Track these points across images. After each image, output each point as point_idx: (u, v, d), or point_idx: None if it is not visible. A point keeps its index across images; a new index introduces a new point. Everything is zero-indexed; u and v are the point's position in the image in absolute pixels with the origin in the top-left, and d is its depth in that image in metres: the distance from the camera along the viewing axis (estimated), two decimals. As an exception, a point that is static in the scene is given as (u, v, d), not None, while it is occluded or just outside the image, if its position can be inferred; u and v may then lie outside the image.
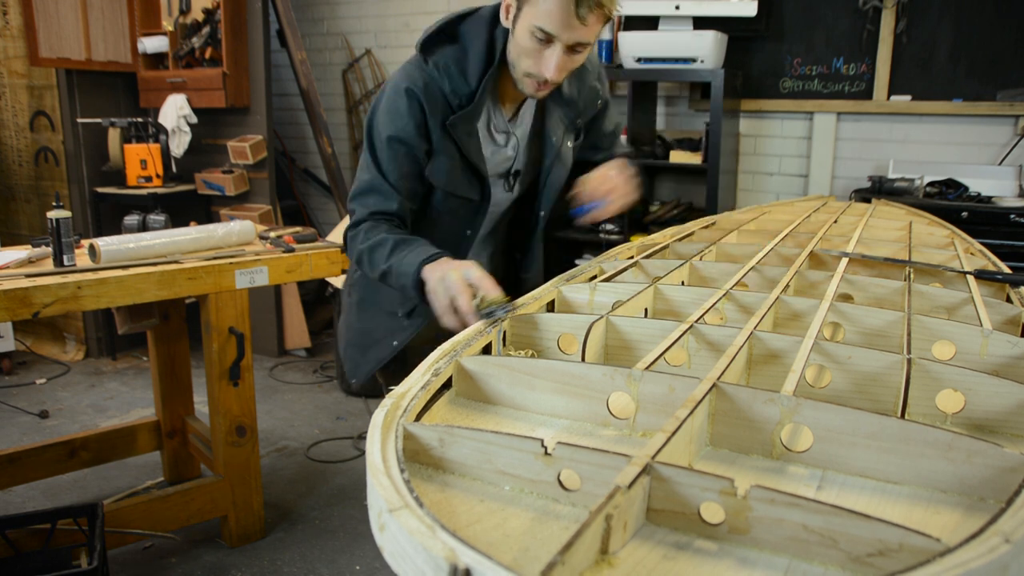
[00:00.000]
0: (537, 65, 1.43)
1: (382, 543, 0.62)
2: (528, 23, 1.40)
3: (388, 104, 1.51)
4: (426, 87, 1.49)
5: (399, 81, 1.51)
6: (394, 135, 1.49)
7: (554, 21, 1.37)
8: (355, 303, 1.72)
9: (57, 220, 2.11)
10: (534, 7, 1.38)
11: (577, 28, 1.39)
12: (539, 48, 1.41)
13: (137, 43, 4.25)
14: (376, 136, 1.52)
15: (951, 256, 1.62)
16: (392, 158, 1.50)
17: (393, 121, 1.49)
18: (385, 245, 1.44)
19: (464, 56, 1.51)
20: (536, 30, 1.39)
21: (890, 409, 0.91)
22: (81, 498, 2.84)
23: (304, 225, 4.26)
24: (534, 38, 1.40)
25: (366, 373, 1.71)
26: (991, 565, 0.53)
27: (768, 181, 3.94)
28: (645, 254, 1.60)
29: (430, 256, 1.36)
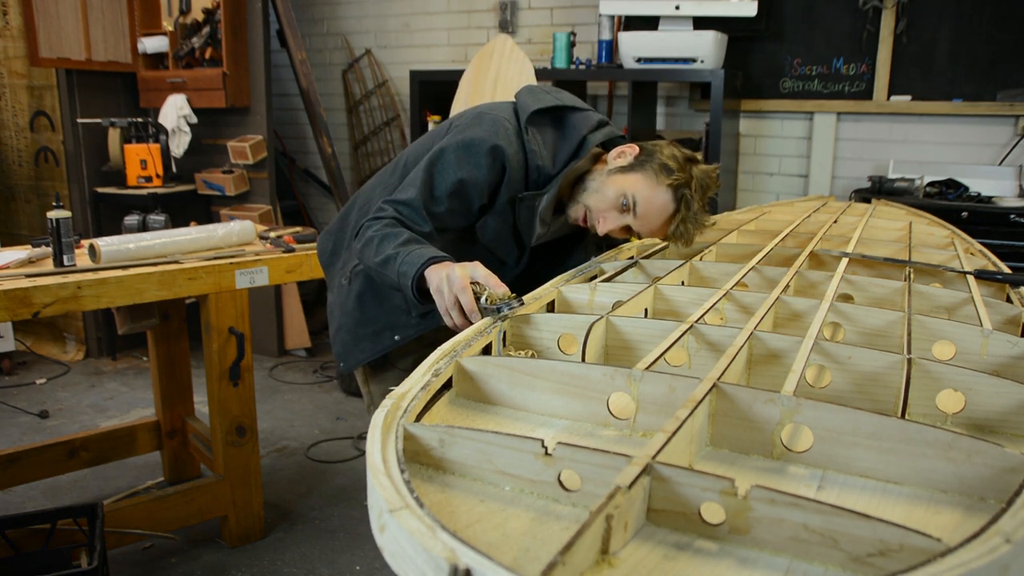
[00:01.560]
0: (597, 212, 1.51)
1: (382, 543, 0.62)
2: (629, 187, 1.48)
3: (471, 147, 1.49)
4: (516, 155, 1.50)
5: (492, 132, 1.50)
6: (464, 179, 1.48)
7: (647, 208, 1.47)
8: (356, 292, 1.69)
9: (57, 220, 2.11)
10: (644, 181, 1.47)
11: (652, 228, 1.50)
12: (615, 206, 1.49)
13: (137, 43, 4.25)
14: (443, 166, 1.49)
15: (951, 256, 1.62)
16: (447, 195, 1.49)
17: (468, 168, 1.48)
18: (399, 237, 1.43)
19: (559, 142, 1.55)
20: (627, 196, 1.47)
21: (890, 409, 0.91)
22: (81, 498, 2.84)
23: (304, 225, 4.26)
24: (620, 199, 1.48)
25: (356, 361, 1.70)
26: (991, 565, 0.53)
27: (768, 181, 3.94)
28: (645, 254, 1.60)
29: (437, 257, 1.36)
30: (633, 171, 1.49)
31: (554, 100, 1.57)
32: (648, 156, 1.50)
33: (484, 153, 1.47)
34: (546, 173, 1.53)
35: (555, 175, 1.53)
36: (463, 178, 1.48)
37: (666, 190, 1.46)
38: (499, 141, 1.48)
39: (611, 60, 3.89)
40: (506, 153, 1.48)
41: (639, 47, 3.59)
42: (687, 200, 1.47)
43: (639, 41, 3.58)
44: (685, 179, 1.47)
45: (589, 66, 3.88)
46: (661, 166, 1.48)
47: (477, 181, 1.48)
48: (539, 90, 1.61)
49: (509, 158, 1.49)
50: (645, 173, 1.48)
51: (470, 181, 1.48)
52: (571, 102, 1.61)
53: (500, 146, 1.48)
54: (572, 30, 4.09)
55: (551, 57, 3.93)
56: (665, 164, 1.48)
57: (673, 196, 1.47)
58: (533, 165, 1.51)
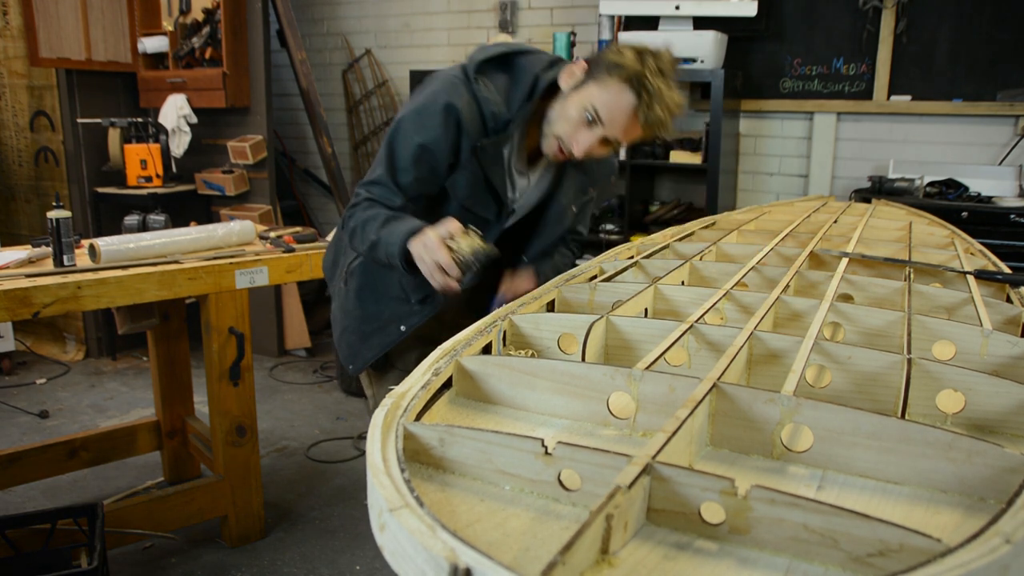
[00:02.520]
0: (570, 136, 1.49)
1: (382, 543, 0.62)
2: (585, 99, 1.45)
3: (423, 111, 1.52)
4: (468, 106, 1.51)
5: (440, 92, 1.52)
6: (422, 143, 1.50)
7: (608, 113, 1.44)
8: (354, 290, 1.71)
9: (57, 220, 2.11)
10: (599, 89, 1.44)
11: (624, 129, 1.46)
12: (582, 124, 1.47)
13: (137, 43, 4.25)
14: (402, 137, 1.53)
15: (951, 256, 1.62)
16: (412, 162, 1.52)
17: (425, 130, 1.51)
18: (377, 219, 1.48)
19: (511, 86, 1.55)
20: (589, 109, 1.44)
21: (890, 409, 0.91)
22: (81, 498, 2.84)
23: (304, 225, 4.26)
24: (583, 114, 1.45)
25: (366, 360, 1.71)
26: (991, 565, 0.53)
27: (768, 181, 3.94)
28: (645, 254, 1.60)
29: (413, 229, 1.40)
30: (586, 83, 1.47)
31: (502, 48, 1.59)
32: (596, 64, 1.48)
33: (436, 113, 1.50)
34: (503, 119, 1.53)
35: (511, 118, 1.53)
36: (421, 142, 1.50)
37: (620, 86, 1.43)
38: (448, 98, 1.50)
39: (611, 60, 3.88)
40: (457, 107, 1.49)
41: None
42: (646, 87, 1.43)
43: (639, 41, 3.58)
44: (637, 69, 1.43)
45: (589, 66, 3.87)
46: (609, 67, 1.45)
47: (437, 142, 1.50)
48: (490, 44, 1.62)
49: (461, 111, 1.50)
50: (597, 80, 1.46)
51: (430, 144, 1.50)
52: (520, 47, 1.60)
53: (450, 102, 1.49)
54: (572, 30, 4.09)
55: (551, 57, 3.92)
56: (613, 63, 1.45)
57: (631, 89, 1.43)
58: (488, 112, 1.52)
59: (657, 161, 3.84)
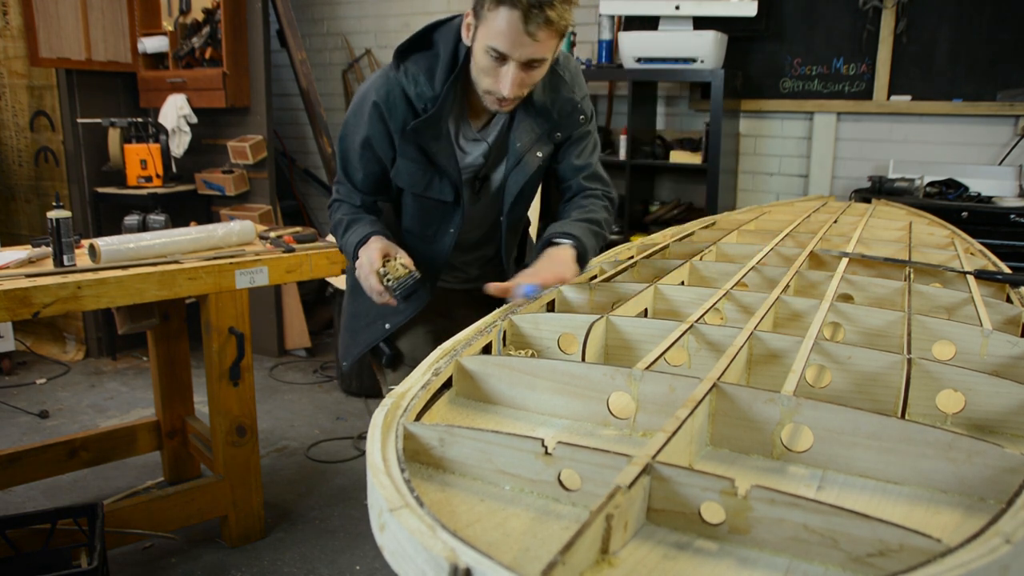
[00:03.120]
0: (495, 83, 1.47)
1: (382, 543, 0.62)
2: (482, 42, 1.44)
3: (354, 111, 1.61)
4: (388, 95, 1.55)
5: (366, 90, 1.60)
6: (360, 140, 1.60)
7: (505, 40, 1.40)
8: (349, 288, 1.80)
9: (57, 220, 2.11)
10: (487, 26, 1.42)
11: (528, 45, 1.41)
12: (494, 66, 1.45)
13: (137, 43, 4.25)
14: (345, 138, 1.63)
15: (951, 256, 1.62)
16: (358, 161, 1.62)
17: (358, 128, 1.60)
18: (341, 225, 1.61)
19: (435, 62, 1.55)
20: (490, 49, 1.43)
21: (890, 409, 0.91)
22: (81, 498, 2.84)
23: (304, 225, 4.26)
24: (489, 56, 1.44)
25: (355, 355, 1.77)
26: (991, 566, 0.53)
27: (768, 181, 3.94)
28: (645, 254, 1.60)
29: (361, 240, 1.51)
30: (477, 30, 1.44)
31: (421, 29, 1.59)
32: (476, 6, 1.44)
33: (364, 110, 1.58)
34: (428, 96, 1.54)
35: (439, 93, 1.54)
36: (361, 138, 1.59)
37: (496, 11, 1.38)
38: (371, 95, 1.57)
39: (611, 60, 3.89)
40: (377, 101, 1.55)
41: (639, 47, 3.59)
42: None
43: (639, 41, 3.59)
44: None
45: (589, 66, 3.88)
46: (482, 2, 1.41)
47: (372, 136, 1.58)
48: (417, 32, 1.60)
49: (381, 103, 1.55)
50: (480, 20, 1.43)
51: (369, 139, 1.59)
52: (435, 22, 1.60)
53: (373, 99, 1.56)
54: (572, 30, 4.09)
55: (551, 57, 3.92)
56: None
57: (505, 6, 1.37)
58: (412, 94, 1.54)
59: (657, 161, 3.85)
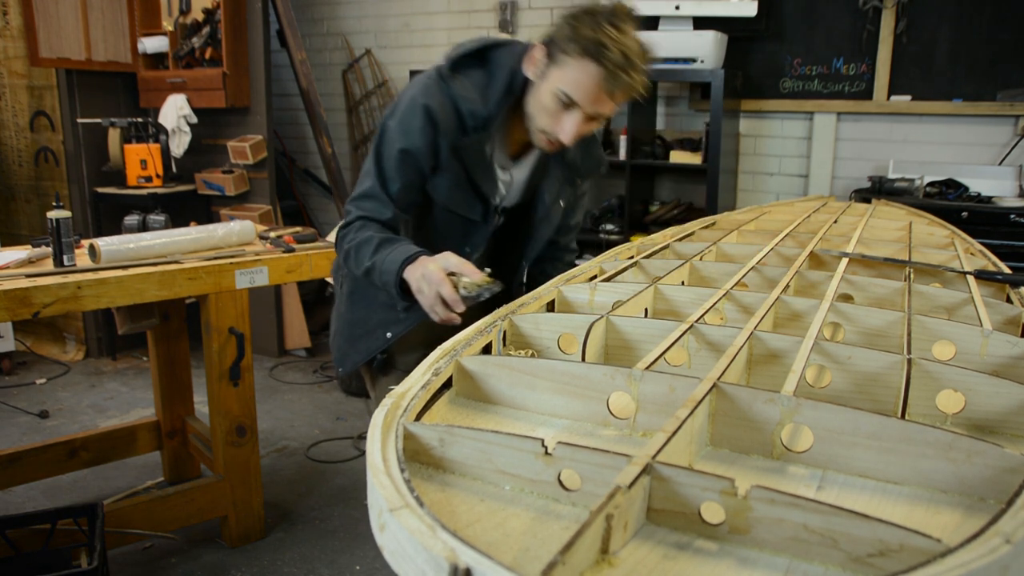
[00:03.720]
0: (553, 126, 1.45)
1: (382, 543, 0.62)
2: (555, 85, 1.41)
3: (403, 117, 1.50)
4: (442, 106, 1.49)
5: (417, 95, 1.50)
6: (405, 148, 1.49)
7: (581, 91, 1.39)
8: (346, 294, 1.72)
9: (57, 220, 2.11)
10: (564, 71, 1.39)
11: (603, 103, 1.41)
12: (559, 110, 1.43)
13: (137, 43, 4.25)
14: (386, 145, 1.51)
15: (951, 256, 1.62)
16: (398, 169, 1.50)
17: (406, 135, 1.49)
18: (371, 243, 1.45)
19: (488, 81, 1.52)
20: (561, 93, 1.41)
21: (890, 409, 0.90)
22: (81, 498, 2.84)
23: (304, 225, 4.26)
24: (557, 100, 1.42)
25: (354, 363, 1.72)
26: (992, 566, 0.53)
27: (768, 181, 3.94)
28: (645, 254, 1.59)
29: (410, 256, 1.37)
30: (549, 68, 1.43)
31: (476, 43, 1.55)
32: (552, 45, 1.43)
33: (413, 115, 1.48)
34: (481, 116, 1.50)
35: (490, 115, 1.51)
36: (404, 148, 1.49)
37: (581, 60, 1.37)
38: (422, 99, 1.48)
39: (611, 60, 3.88)
40: (430, 107, 1.47)
41: (639, 47, 3.58)
42: (606, 54, 1.36)
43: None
44: (590, 36, 1.36)
45: (589, 66, 3.87)
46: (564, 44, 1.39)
47: (417, 146, 1.49)
48: (467, 40, 1.58)
49: (435, 110, 1.47)
50: (557, 61, 1.41)
51: (412, 149, 1.49)
52: (493, 40, 1.57)
53: (425, 104, 1.47)
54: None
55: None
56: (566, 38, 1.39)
57: (591, 60, 1.37)
58: (465, 110, 1.49)
59: (657, 161, 3.84)
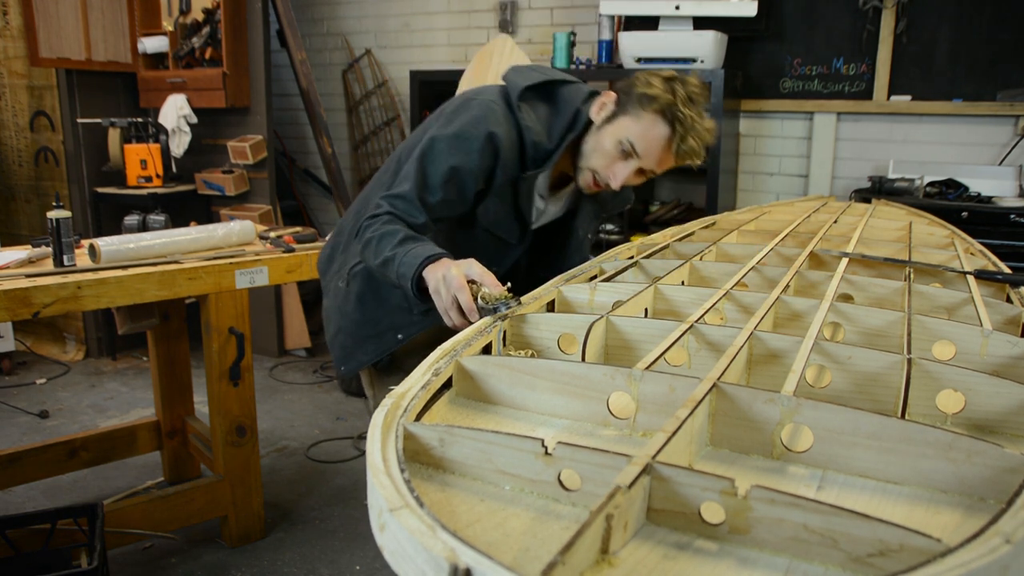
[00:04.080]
0: (606, 169, 1.50)
1: (382, 543, 0.62)
2: (622, 132, 1.47)
3: (461, 133, 1.48)
4: (508, 136, 1.50)
5: (482, 119, 1.49)
6: (456, 166, 1.48)
7: (645, 145, 1.46)
8: (355, 293, 1.68)
9: (57, 220, 2.11)
10: (633, 122, 1.46)
11: (662, 161, 1.49)
12: (617, 157, 1.49)
13: (137, 43, 4.25)
14: (435, 157, 1.49)
15: (951, 256, 1.62)
16: (442, 184, 1.48)
17: (460, 155, 1.48)
18: (395, 236, 1.43)
19: (554, 117, 1.55)
20: (626, 142, 1.46)
21: (890, 409, 0.90)
22: (81, 498, 2.84)
23: (304, 225, 4.26)
24: (619, 147, 1.47)
25: (360, 363, 1.69)
26: (992, 565, 0.53)
27: (768, 181, 3.94)
28: (645, 254, 1.59)
29: (433, 255, 1.35)
30: (618, 116, 1.49)
31: (542, 76, 1.58)
32: (627, 95, 1.49)
33: (477, 140, 1.47)
34: (543, 148, 1.53)
35: (553, 149, 1.53)
36: (455, 165, 1.47)
37: (655, 117, 1.46)
38: (490, 126, 1.48)
39: (611, 60, 3.89)
40: (497, 136, 1.48)
41: (639, 47, 3.59)
42: (679, 119, 1.45)
43: (639, 41, 3.58)
44: (669, 99, 1.45)
45: (589, 66, 3.88)
46: (640, 98, 1.47)
47: (470, 168, 1.48)
48: (526, 68, 1.61)
49: (501, 140, 1.48)
50: (629, 112, 1.47)
51: (463, 168, 1.48)
52: (560, 76, 1.61)
53: (493, 132, 1.48)
54: (572, 30, 4.09)
55: (551, 57, 3.93)
56: (645, 95, 1.46)
57: (664, 120, 1.46)
58: (529, 142, 1.51)
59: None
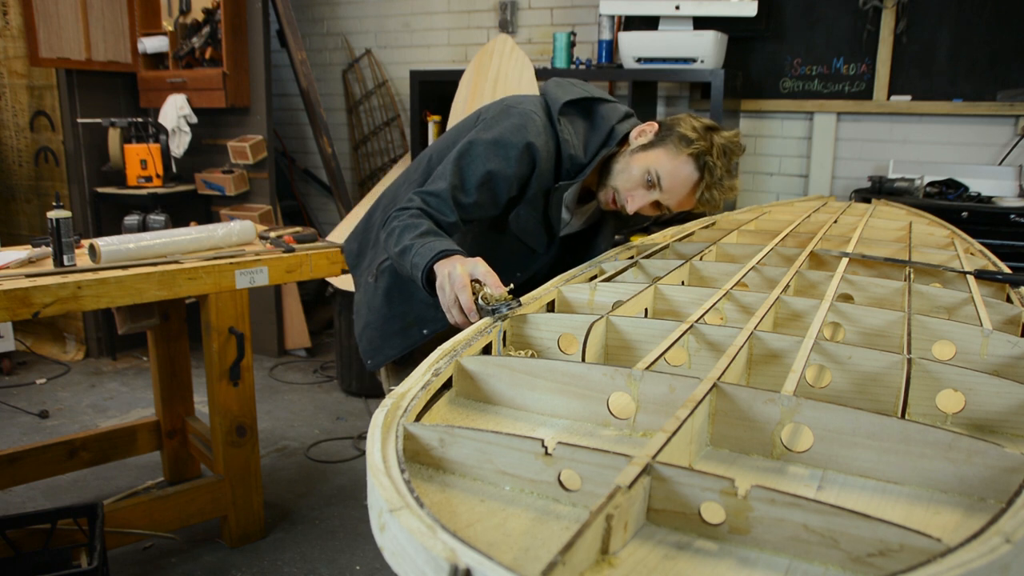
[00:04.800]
0: (627, 193, 1.55)
1: (382, 543, 0.62)
2: (652, 163, 1.51)
3: (502, 142, 1.51)
4: (547, 147, 1.53)
5: (523, 128, 1.52)
6: (493, 171, 1.50)
7: (672, 182, 1.51)
8: (383, 289, 1.70)
9: (57, 220, 2.11)
10: (666, 156, 1.51)
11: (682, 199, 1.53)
12: (641, 184, 1.53)
13: (137, 43, 4.25)
14: (473, 160, 1.51)
15: (951, 256, 1.62)
16: (477, 187, 1.51)
17: (498, 161, 1.51)
18: (417, 228, 1.44)
19: (591, 134, 1.59)
20: (653, 172, 1.50)
21: (890, 409, 0.91)
22: (81, 498, 2.84)
23: (304, 225, 4.26)
24: (645, 176, 1.51)
25: (386, 357, 1.71)
26: (992, 565, 0.53)
27: (768, 181, 3.94)
28: (645, 254, 1.60)
29: (447, 251, 1.36)
30: (654, 147, 1.53)
31: (582, 92, 1.62)
32: (668, 130, 1.54)
33: (516, 148, 1.50)
34: (578, 162, 1.57)
35: (587, 164, 1.57)
36: (492, 170, 1.50)
37: (688, 160, 1.50)
38: (530, 137, 1.51)
39: (611, 60, 3.89)
40: (535, 147, 1.51)
41: (639, 47, 3.59)
42: (710, 167, 1.50)
43: (639, 41, 3.58)
44: (706, 147, 1.50)
45: (589, 66, 3.88)
46: (681, 138, 1.51)
47: (506, 175, 1.51)
48: (566, 83, 1.65)
49: (539, 151, 1.52)
50: (666, 147, 1.51)
51: (499, 174, 1.51)
52: (599, 94, 1.66)
53: (532, 142, 1.51)
54: (572, 30, 4.09)
55: (551, 57, 3.93)
56: (684, 135, 1.51)
57: (696, 165, 1.50)
58: (566, 155, 1.55)
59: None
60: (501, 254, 1.63)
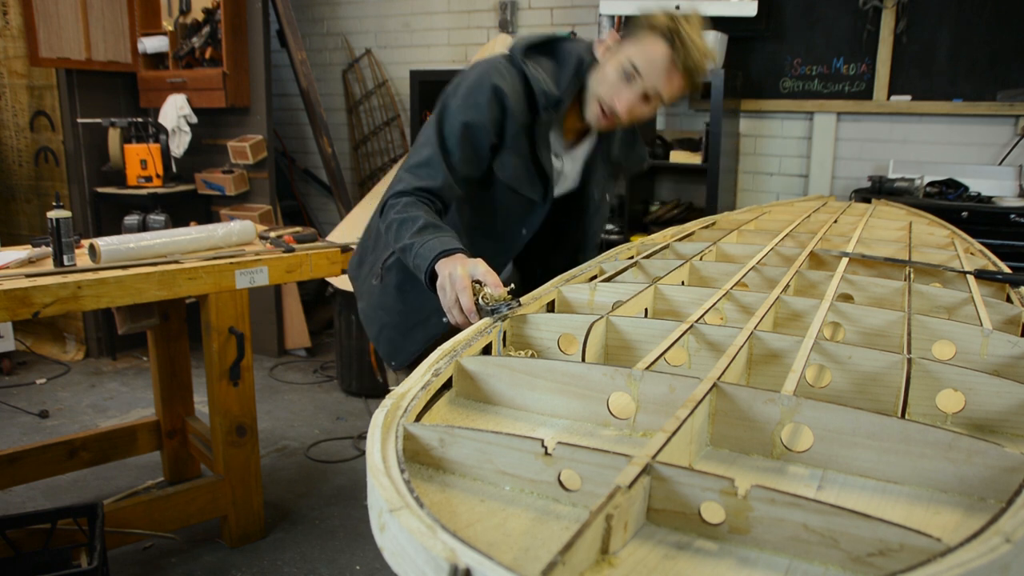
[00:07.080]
0: (609, 96, 1.53)
1: (382, 543, 0.62)
2: (624, 57, 1.51)
3: (469, 92, 1.56)
4: (513, 88, 1.56)
5: (486, 73, 1.56)
6: (468, 121, 1.54)
7: (647, 64, 1.49)
8: (394, 285, 1.70)
9: (57, 220, 2.11)
10: (635, 47, 1.50)
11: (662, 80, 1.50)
12: (621, 82, 1.52)
13: (137, 43, 4.25)
14: (448, 117, 1.56)
15: (951, 256, 1.62)
16: (459, 142, 1.54)
17: (470, 109, 1.54)
18: (416, 222, 1.45)
19: (558, 69, 1.61)
20: (628, 64, 1.50)
21: (890, 409, 0.91)
22: (81, 498, 2.84)
23: (304, 225, 4.26)
24: (622, 71, 1.51)
25: (411, 353, 1.70)
26: (992, 565, 0.53)
27: (768, 181, 3.94)
28: (645, 254, 1.59)
29: (448, 249, 1.37)
30: (620, 46, 1.54)
31: (545, 35, 1.66)
32: (627, 28, 1.56)
33: (482, 93, 1.54)
34: (553, 97, 1.58)
35: (562, 95, 1.58)
36: (467, 121, 1.54)
37: (655, 38, 1.49)
38: (494, 80, 1.55)
39: (611, 60, 3.88)
40: (500, 88, 1.54)
41: (639, 47, 3.58)
42: (679, 35, 1.48)
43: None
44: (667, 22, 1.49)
45: (589, 66, 3.87)
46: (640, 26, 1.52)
47: (481, 122, 1.54)
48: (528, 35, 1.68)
49: (507, 93, 1.54)
50: (631, 39, 1.53)
51: (475, 123, 1.54)
52: (560, 35, 1.68)
53: (496, 84, 1.54)
54: (572, 30, 4.09)
55: (551, 57, 3.92)
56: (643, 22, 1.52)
57: (663, 39, 1.49)
58: (539, 91, 1.57)
59: (657, 161, 3.84)
60: (502, 214, 1.66)
